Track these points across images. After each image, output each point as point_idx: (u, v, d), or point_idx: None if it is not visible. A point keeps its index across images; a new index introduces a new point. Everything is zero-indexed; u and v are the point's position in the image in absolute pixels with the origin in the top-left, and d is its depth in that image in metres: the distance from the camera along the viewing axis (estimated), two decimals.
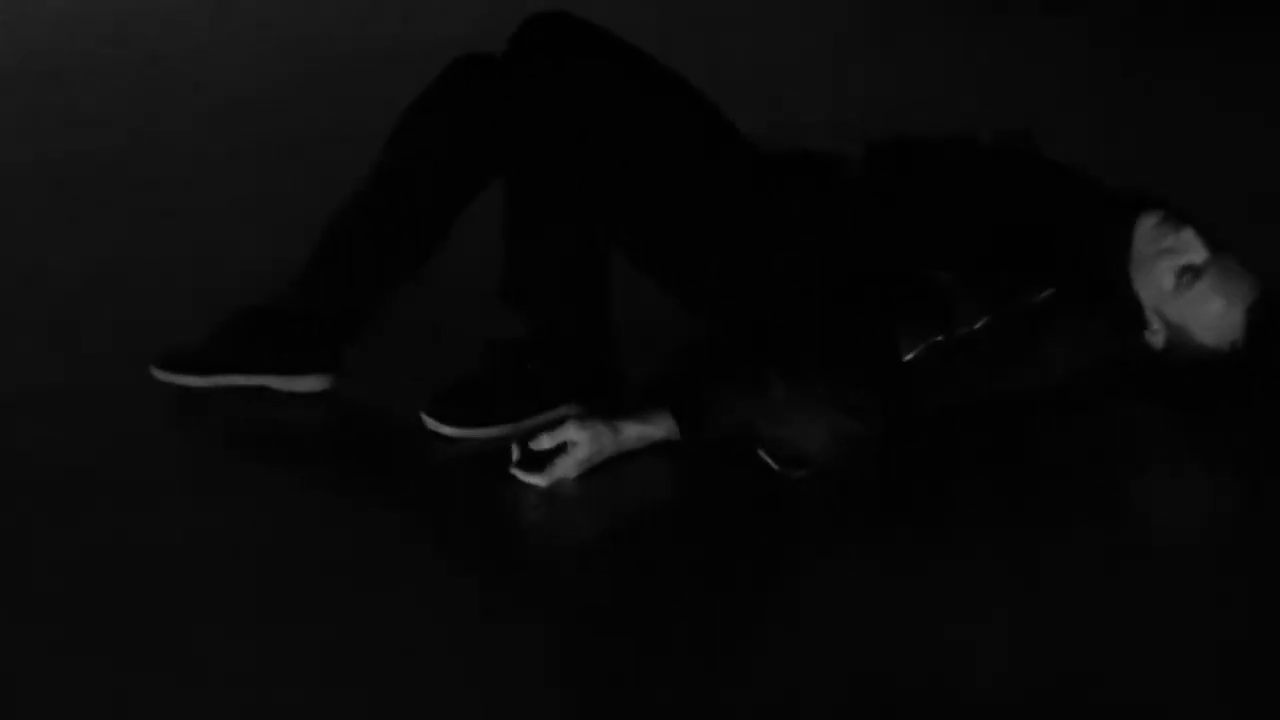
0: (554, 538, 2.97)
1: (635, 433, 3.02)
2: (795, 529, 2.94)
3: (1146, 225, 3.13)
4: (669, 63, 3.21)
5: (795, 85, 4.84)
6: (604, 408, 3.03)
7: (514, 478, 2.98)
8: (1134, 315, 3.12)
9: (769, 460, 2.99)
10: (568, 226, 3.13)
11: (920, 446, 3.07)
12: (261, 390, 3.21)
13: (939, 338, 3.04)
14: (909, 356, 3.03)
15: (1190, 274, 3.08)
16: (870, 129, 3.27)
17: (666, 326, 3.27)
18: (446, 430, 3.12)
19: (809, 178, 3.18)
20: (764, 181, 3.17)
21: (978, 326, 3.04)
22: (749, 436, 2.99)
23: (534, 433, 3.01)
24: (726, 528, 2.94)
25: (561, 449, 2.99)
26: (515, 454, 2.99)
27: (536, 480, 2.99)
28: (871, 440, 3.00)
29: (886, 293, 3.09)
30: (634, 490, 3.01)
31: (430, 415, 3.13)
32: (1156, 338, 3.15)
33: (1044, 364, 3.09)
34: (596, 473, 3.00)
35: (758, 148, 3.22)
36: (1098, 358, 3.13)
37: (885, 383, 3.02)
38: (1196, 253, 3.09)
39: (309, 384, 3.22)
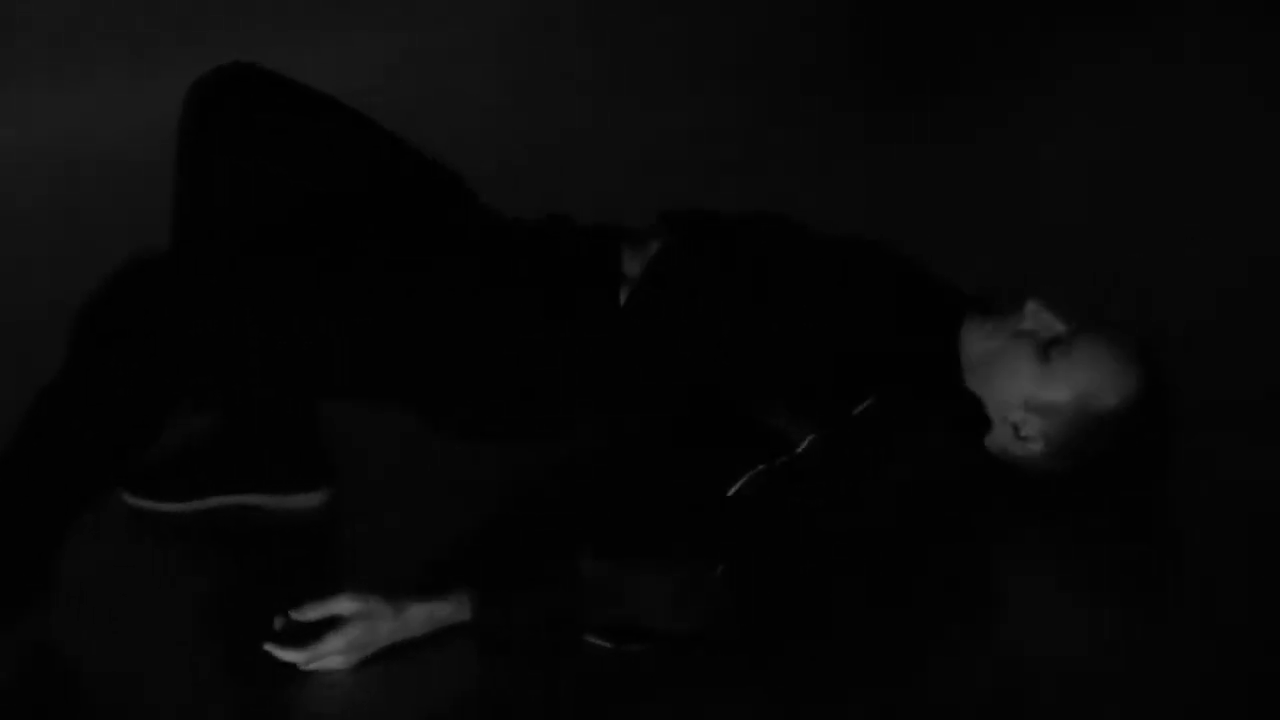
0: None
1: (421, 613, 2.42)
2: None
3: (977, 323, 2.69)
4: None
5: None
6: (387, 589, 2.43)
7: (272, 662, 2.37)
8: (974, 414, 2.63)
9: (599, 641, 2.41)
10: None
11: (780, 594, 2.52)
12: None
13: (760, 467, 2.50)
14: (733, 489, 2.49)
15: (1058, 345, 2.63)
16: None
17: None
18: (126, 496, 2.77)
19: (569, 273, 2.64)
20: (511, 277, 2.60)
21: (801, 450, 2.51)
22: (566, 615, 2.41)
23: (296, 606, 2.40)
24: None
25: (331, 623, 2.39)
26: (277, 624, 2.40)
27: (294, 656, 2.38)
28: (716, 594, 2.42)
29: (696, 419, 2.62)
30: (438, 680, 2.41)
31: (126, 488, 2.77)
32: (1030, 444, 2.65)
33: (880, 480, 2.54)
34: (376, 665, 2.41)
35: (516, 221, 2.72)
36: (943, 467, 2.60)
37: (714, 526, 2.47)
38: (1053, 325, 2.65)
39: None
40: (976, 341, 2.66)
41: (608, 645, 2.40)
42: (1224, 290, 3.41)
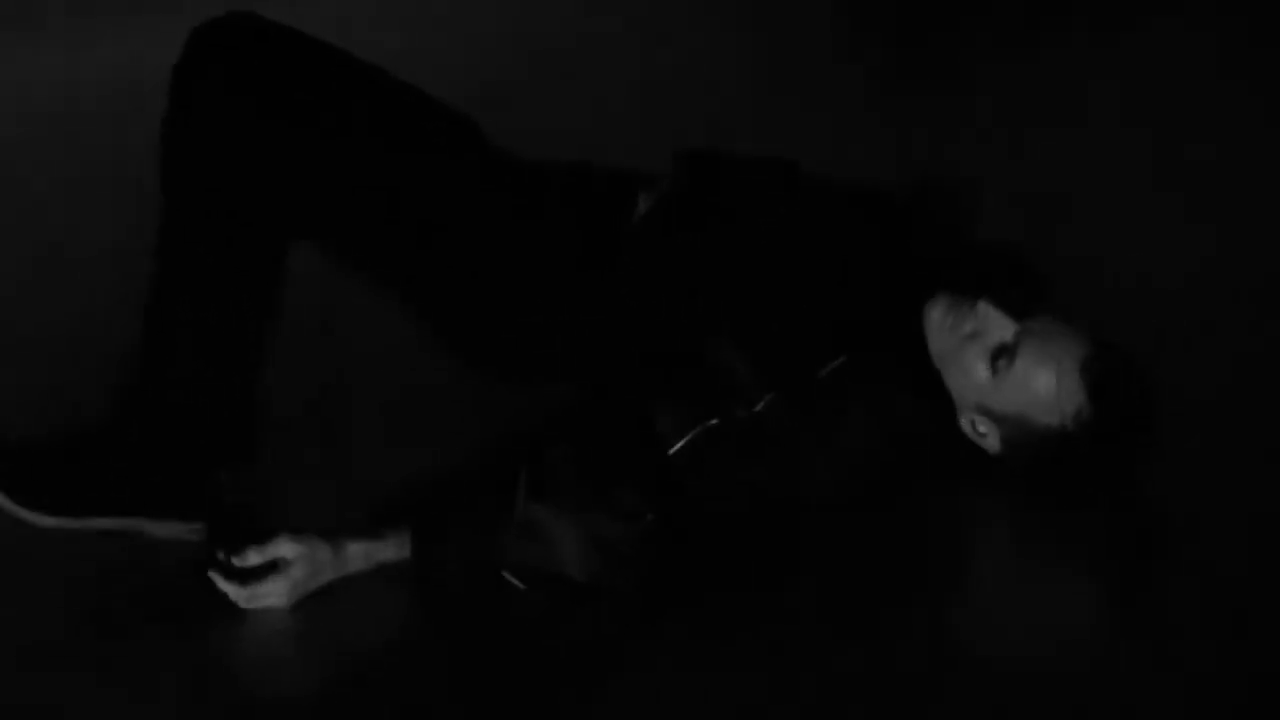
0: (268, 685, 2.38)
1: (360, 552, 2.48)
2: (563, 661, 2.39)
3: (935, 318, 2.64)
4: None
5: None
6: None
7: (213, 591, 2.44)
8: (942, 391, 2.63)
9: (515, 581, 2.46)
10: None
11: (709, 556, 2.53)
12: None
13: (713, 421, 2.50)
14: (676, 446, 2.50)
15: (1004, 355, 2.58)
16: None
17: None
18: (6, 506, 2.48)
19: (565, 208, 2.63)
20: (511, 211, 2.59)
21: (759, 408, 2.51)
22: (492, 553, 2.46)
23: (237, 545, 2.45)
24: (482, 665, 2.39)
25: (271, 567, 2.44)
26: (219, 554, 2.45)
27: (235, 592, 2.44)
28: (638, 549, 2.46)
29: (648, 368, 2.58)
30: (364, 623, 2.45)
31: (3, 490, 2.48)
32: (988, 440, 2.64)
33: (838, 449, 2.54)
34: (314, 600, 2.45)
35: (537, 165, 2.68)
36: (905, 439, 2.60)
37: (649, 478, 2.49)
38: (1002, 328, 2.60)
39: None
40: (932, 334, 2.64)
41: (520, 586, 2.44)
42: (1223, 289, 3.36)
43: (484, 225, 2.55)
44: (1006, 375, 2.58)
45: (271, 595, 2.44)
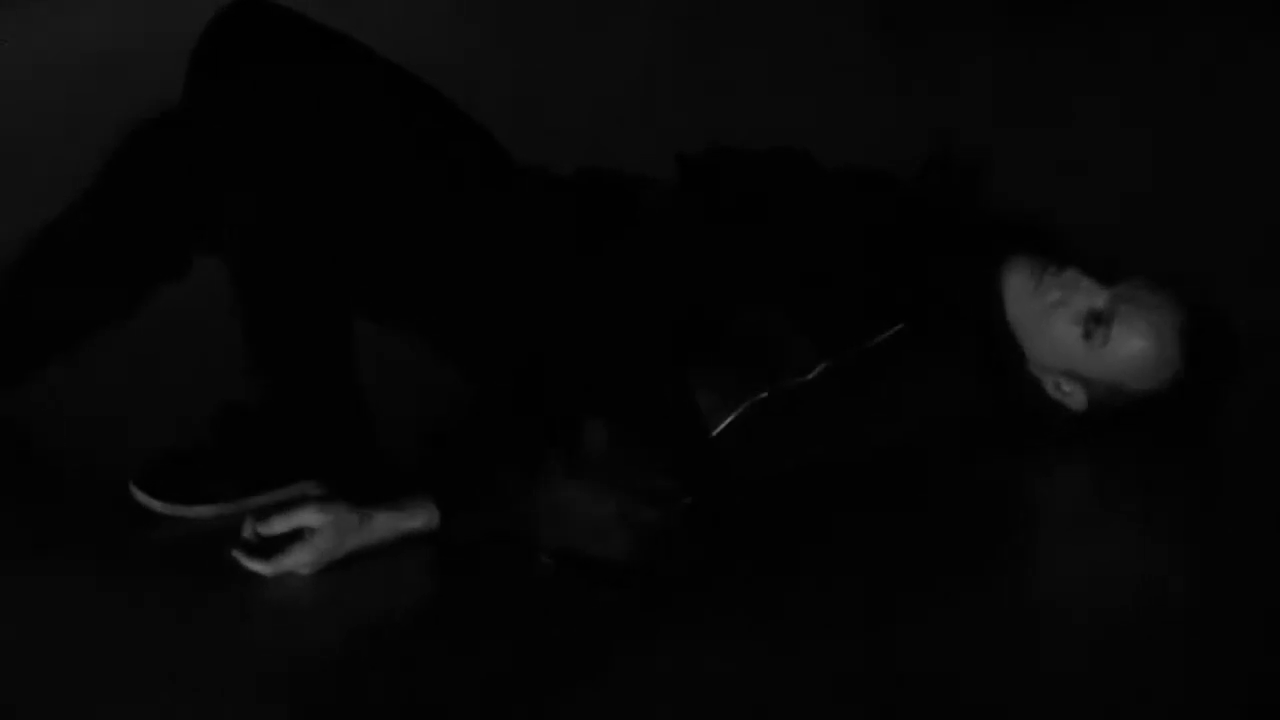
0: (287, 645, 2.39)
1: (387, 522, 2.49)
2: (582, 632, 2.40)
3: (1017, 284, 2.64)
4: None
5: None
6: (353, 492, 2.49)
7: (238, 566, 2.45)
8: (1008, 353, 2.62)
9: (546, 561, 2.47)
10: (297, 287, 2.53)
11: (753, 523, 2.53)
12: None
13: (764, 394, 2.49)
14: (728, 420, 2.49)
15: (1094, 322, 2.61)
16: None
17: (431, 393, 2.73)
18: (156, 506, 2.59)
19: (589, 200, 2.65)
20: (524, 202, 2.60)
21: (812, 376, 2.50)
22: (523, 532, 2.47)
23: (264, 513, 2.48)
24: (500, 632, 2.40)
25: (297, 535, 2.46)
26: (246, 531, 2.47)
27: (260, 568, 2.45)
28: (672, 531, 2.47)
29: (695, 339, 2.53)
30: (383, 589, 2.47)
31: (139, 487, 2.60)
32: (1073, 399, 2.66)
33: (893, 417, 2.55)
34: (337, 569, 2.48)
35: (540, 169, 2.69)
36: (966, 406, 2.60)
37: (692, 463, 2.48)
38: (1092, 295, 2.62)
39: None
40: (1017, 301, 2.63)
41: (553, 566, 2.45)
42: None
43: (497, 233, 2.56)
44: (1103, 344, 2.60)
45: (295, 565, 2.45)
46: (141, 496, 2.60)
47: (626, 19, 4.44)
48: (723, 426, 2.49)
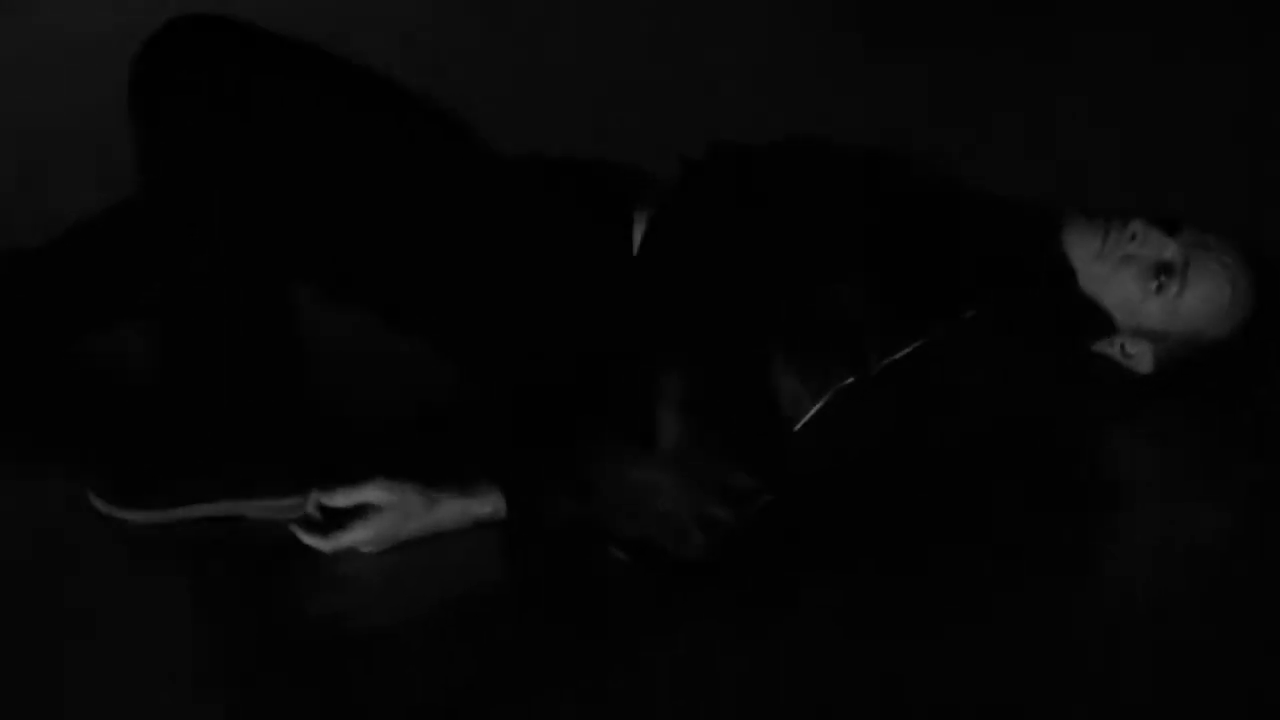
0: (345, 627, 2.29)
1: (453, 508, 2.38)
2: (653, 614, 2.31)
3: (1079, 241, 2.51)
4: None
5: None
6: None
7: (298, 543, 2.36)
8: (1093, 319, 2.52)
9: (619, 554, 2.36)
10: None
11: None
12: None
13: (849, 380, 2.36)
14: (809, 414, 2.35)
15: (1167, 274, 2.50)
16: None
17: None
18: (102, 507, 2.44)
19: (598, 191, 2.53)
20: (518, 193, 2.50)
21: (900, 356, 2.36)
22: (598, 523, 2.36)
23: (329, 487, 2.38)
24: (569, 611, 2.32)
25: (360, 512, 2.36)
26: (309, 506, 2.37)
27: (318, 543, 2.35)
28: (746, 526, 2.36)
29: (772, 326, 2.40)
30: (453, 569, 2.37)
31: (97, 493, 2.44)
32: (1138, 361, 2.56)
33: (985, 396, 2.49)
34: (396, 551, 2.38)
35: (534, 160, 2.58)
36: (1052, 378, 2.55)
37: (775, 459, 2.36)
38: (1161, 246, 2.50)
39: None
40: (1083, 261, 2.51)
41: (626, 559, 2.35)
42: None
43: (481, 227, 2.46)
44: (1178, 294, 2.50)
45: (354, 538, 2.35)
46: (101, 505, 2.44)
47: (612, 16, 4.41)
48: (808, 417, 2.36)
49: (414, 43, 4.19)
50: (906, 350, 2.36)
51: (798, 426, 2.36)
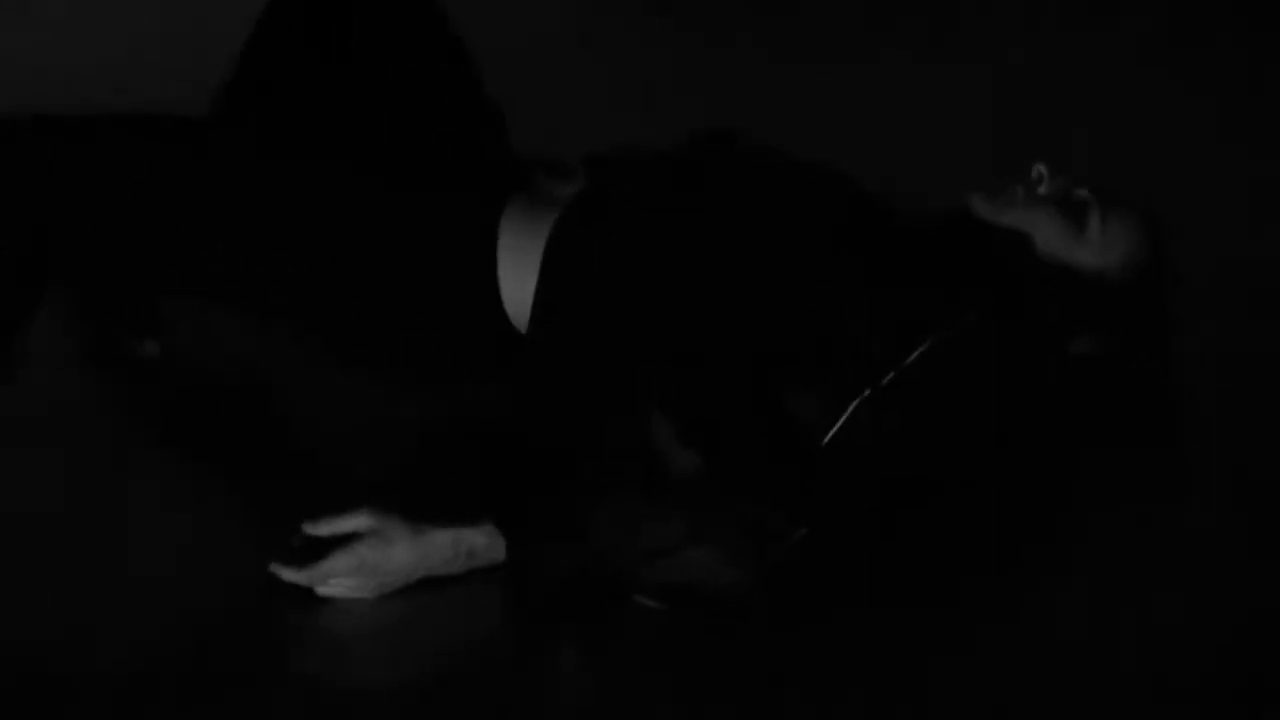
0: (335, 686, 2.08)
1: (447, 540, 2.19)
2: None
3: (984, 209, 2.38)
4: None
5: None
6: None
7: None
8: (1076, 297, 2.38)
9: (650, 602, 2.17)
10: None
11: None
12: None
13: (866, 391, 2.19)
14: (833, 429, 2.18)
15: (1083, 210, 2.39)
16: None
17: None
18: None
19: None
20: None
21: (911, 360, 2.21)
22: (607, 572, 2.17)
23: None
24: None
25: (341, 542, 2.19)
26: (294, 541, 2.20)
27: (296, 577, 2.17)
28: (785, 559, 2.18)
29: (777, 345, 2.25)
30: (454, 619, 2.17)
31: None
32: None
33: (1003, 394, 2.32)
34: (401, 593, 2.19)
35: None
36: (1070, 369, 2.37)
37: (797, 487, 2.19)
38: (1072, 186, 2.40)
39: None
40: (992, 216, 2.37)
41: (659, 606, 2.16)
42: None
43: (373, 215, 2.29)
44: (1099, 227, 2.37)
45: (338, 574, 2.16)
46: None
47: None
48: (832, 434, 2.20)
49: None
50: (915, 355, 2.22)
51: (823, 445, 2.20)
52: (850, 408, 2.18)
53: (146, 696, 2.01)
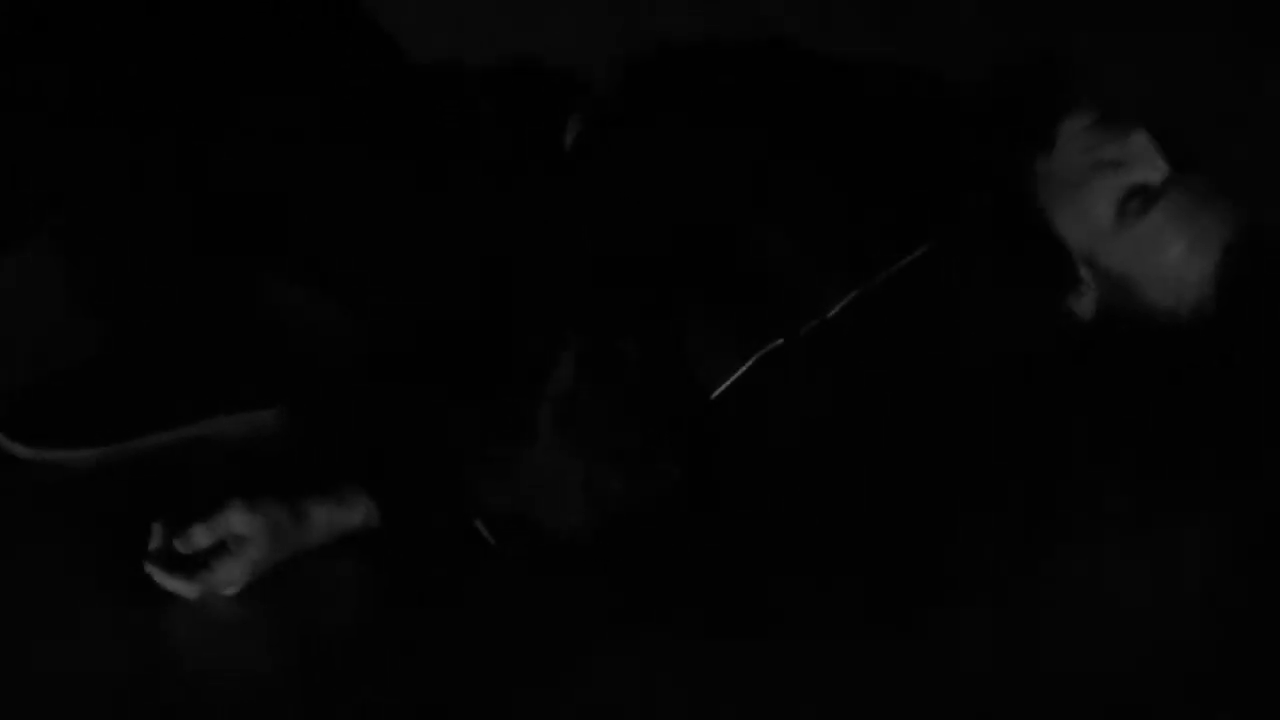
0: (214, 672, 2.06)
1: (324, 519, 2.14)
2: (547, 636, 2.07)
3: (1074, 126, 2.15)
4: None
5: None
6: (279, 484, 2.14)
7: (150, 580, 2.10)
8: (1058, 264, 2.14)
9: (486, 532, 2.12)
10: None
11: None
12: None
13: (776, 342, 2.05)
14: (724, 384, 2.07)
15: (1140, 198, 2.13)
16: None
17: None
18: (19, 451, 2.23)
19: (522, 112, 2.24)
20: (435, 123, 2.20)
21: (834, 313, 2.03)
22: (474, 507, 2.12)
23: (178, 523, 2.11)
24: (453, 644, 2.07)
25: (222, 548, 2.11)
26: (155, 540, 2.10)
27: (183, 589, 2.09)
28: (644, 509, 2.12)
29: (686, 272, 2.09)
30: (322, 600, 2.14)
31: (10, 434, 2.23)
32: (1084, 301, 2.19)
33: (936, 353, 2.09)
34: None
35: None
36: (1020, 333, 2.13)
37: (681, 428, 2.09)
38: (1152, 167, 2.14)
39: None
40: (1063, 150, 2.16)
41: (490, 538, 2.12)
42: None
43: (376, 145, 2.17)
44: (1134, 224, 2.13)
45: (226, 583, 2.11)
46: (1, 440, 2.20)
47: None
48: (725, 386, 2.08)
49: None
50: (843, 303, 2.04)
51: (715, 394, 2.09)
52: (751, 359, 2.05)
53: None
